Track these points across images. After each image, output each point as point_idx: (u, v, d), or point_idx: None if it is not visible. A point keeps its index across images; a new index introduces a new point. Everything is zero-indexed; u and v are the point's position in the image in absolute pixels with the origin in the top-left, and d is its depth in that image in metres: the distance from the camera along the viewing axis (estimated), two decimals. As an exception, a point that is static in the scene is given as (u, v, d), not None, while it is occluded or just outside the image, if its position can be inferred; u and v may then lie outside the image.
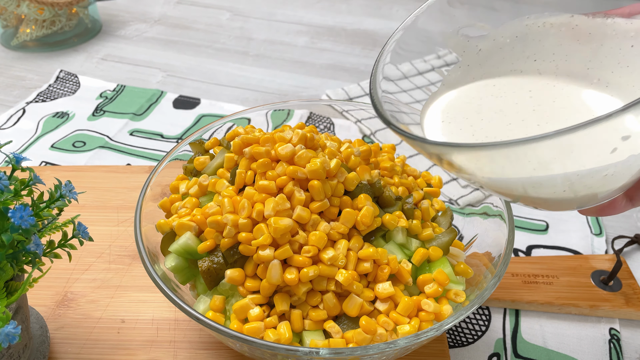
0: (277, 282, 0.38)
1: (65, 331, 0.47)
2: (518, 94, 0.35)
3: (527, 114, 0.33)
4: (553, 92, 0.34)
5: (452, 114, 0.36)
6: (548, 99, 0.34)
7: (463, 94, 0.37)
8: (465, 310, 0.37)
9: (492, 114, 0.34)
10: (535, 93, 0.35)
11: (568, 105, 0.33)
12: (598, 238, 0.60)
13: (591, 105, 0.33)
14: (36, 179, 0.37)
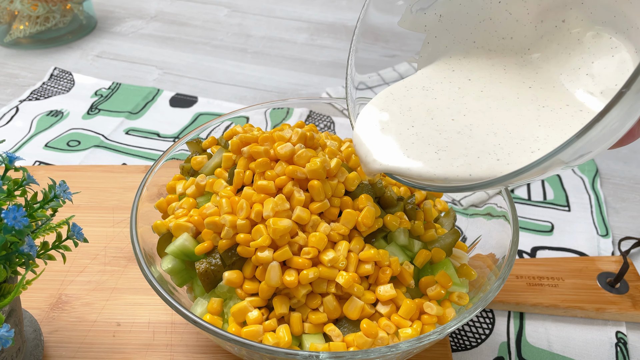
0: (276, 284, 0.38)
1: (59, 334, 0.47)
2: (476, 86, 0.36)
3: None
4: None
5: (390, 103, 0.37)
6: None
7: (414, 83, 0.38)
8: (468, 313, 0.37)
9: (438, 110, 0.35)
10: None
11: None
12: (604, 239, 0.60)
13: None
14: (30, 179, 0.37)
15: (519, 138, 0.32)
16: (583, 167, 0.70)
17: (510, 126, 0.33)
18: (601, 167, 0.71)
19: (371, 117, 0.37)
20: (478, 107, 0.35)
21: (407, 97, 0.37)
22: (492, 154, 0.32)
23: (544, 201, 0.65)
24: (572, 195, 0.66)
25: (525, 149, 0.32)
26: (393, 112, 0.37)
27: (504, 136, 0.33)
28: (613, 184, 0.68)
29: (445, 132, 0.34)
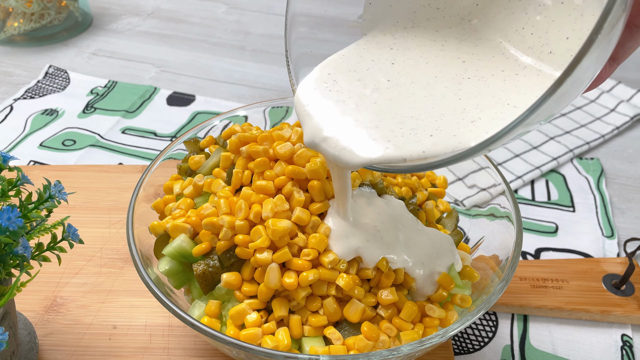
0: (275, 286, 0.38)
1: (54, 337, 0.47)
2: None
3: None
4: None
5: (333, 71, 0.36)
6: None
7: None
8: (471, 315, 0.37)
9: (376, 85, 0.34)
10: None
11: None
12: (610, 240, 0.60)
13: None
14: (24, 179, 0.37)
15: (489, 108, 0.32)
16: (588, 167, 0.70)
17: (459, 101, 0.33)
18: (606, 167, 0.71)
19: (323, 101, 0.35)
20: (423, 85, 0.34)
21: (353, 76, 0.36)
22: (462, 121, 0.31)
23: (548, 201, 0.65)
24: (577, 196, 0.66)
25: (492, 115, 0.31)
26: (348, 98, 0.35)
27: (471, 107, 0.32)
28: (618, 184, 0.68)
29: (388, 112, 0.33)
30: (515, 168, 0.68)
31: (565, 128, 0.75)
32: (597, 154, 0.73)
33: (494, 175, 0.48)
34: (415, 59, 0.36)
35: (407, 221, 0.42)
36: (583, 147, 0.72)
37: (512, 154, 0.71)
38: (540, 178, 0.68)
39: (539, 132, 0.74)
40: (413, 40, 0.37)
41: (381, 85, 0.34)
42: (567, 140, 0.73)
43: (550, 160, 0.69)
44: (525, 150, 0.71)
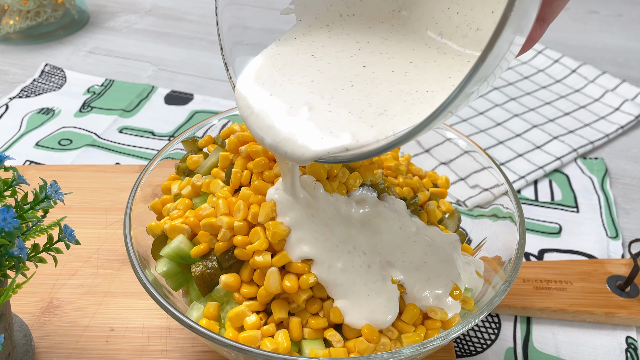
0: (276, 290, 0.38)
1: (50, 340, 0.47)
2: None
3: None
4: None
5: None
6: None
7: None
8: (473, 317, 0.37)
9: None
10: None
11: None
12: (614, 241, 0.60)
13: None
14: (20, 179, 0.37)
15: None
16: (592, 167, 0.70)
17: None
18: (611, 167, 0.71)
19: (263, 92, 0.36)
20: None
21: (294, 65, 0.37)
22: (394, 108, 0.32)
23: (552, 202, 0.65)
24: (581, 196, 0.66)
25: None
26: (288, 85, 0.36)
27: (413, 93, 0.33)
28: (623, 184, 0.68)
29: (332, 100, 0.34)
30: (518, 168, 0.68)
31: (569, 127, 0.75)
32: (602, 154, 0.73)
33: (496, 175, 0.48)
34: (346, 51, 0.36)
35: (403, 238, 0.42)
36: (587, 147, 0.72)
37: (515, 154, 0.71)
38: (544, 178, 0.68)
39: (542, 132, 0.74)
40: (345, 30, 0.38)
41: (317, 77, 0.35)
42: (570, 139, 0.73)
43: (553, 160, 0.69)
44: (528, 149, 0.71)
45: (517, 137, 0.74)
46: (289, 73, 0.36)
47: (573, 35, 0.99)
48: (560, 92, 0.83)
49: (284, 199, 0.38)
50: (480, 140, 0.73)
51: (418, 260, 0.42)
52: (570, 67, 0.87)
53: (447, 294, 0.40)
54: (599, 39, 0.98)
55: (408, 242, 0.42)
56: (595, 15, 1.06)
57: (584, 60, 0.89)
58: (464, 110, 0.78)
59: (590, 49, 0.95)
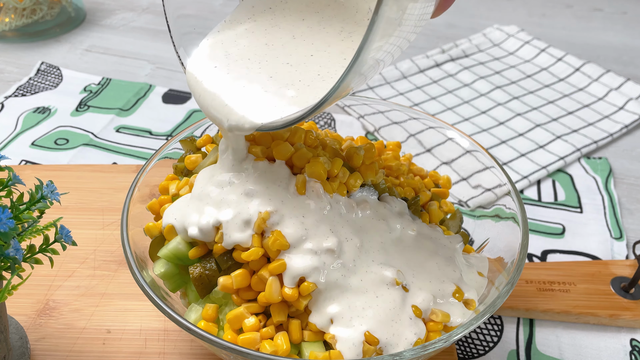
0: (277, 299, 0.37)
1: (46, 342, 0.47)
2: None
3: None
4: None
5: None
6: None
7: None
8: (475, 319, 0.37)
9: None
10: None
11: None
12: (618, 242, 0.60)
13: None
14: (15, 179, 0.37)
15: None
16: (596, 166, 0.70)
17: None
18: (615, 166, 0.71)
19: (210, 66, 0.39)
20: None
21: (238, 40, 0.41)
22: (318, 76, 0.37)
23: (555, 202, 0.65)
24: (585, 196, 0.66)
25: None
26: (230, 58, 0.40)
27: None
28: (627, 184, 0.68)
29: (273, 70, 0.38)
30: (521, 168, 0.68)
31: (572, 127, 0.75)
32: (606, 153, 0.73)
33: (499, 175, 0.48)
34: (284, 30, 0.40)
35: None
36: (591, 146, 0.72)
37: (518, 153, 0.71)
38: (547, 178, 0.68)
39: (546, 131, 0.74)
40: (284, 10, 0.41)
41: (258, 57, 0.39)
42: (574, 139, 0.73)
43: (557, 160, 0.69)
44: (531, 149, 0.71)
45: (519, 136, 0.74)
46: (232, 53, 0.40)
47: (577, 33, 0.99)
48: (563, 90, 0.83)
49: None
50: (483, 139, 0.73)
51: (419, 261, 0.42)
52: (573, 66, 0.87)
53: (449, 295, 0.40)
54: (603, 36, 0.98)
55: (409, 243, 0.42)
56: (599, 12, 1.06)
57: (588, 58, 0.89)
58: (466, 109, 0.78)
59: (594, 47, 0.95)
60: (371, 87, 0.82)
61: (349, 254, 0.39)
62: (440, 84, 0.84)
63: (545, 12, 1.06)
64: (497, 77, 0.86)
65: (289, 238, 0.38)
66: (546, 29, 1.00)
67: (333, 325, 0.38)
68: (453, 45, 0.92)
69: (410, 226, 0.43)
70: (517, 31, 0.96)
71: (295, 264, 0.37)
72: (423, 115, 0.55)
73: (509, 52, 0.92)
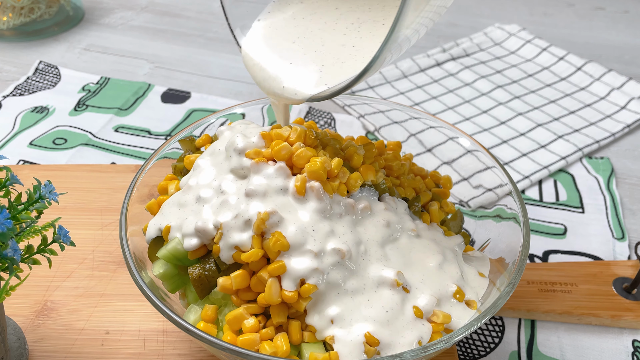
0: (277, 301, 0.37)
1: (45, 343, 0.47)
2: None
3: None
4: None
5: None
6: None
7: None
8: (477, 320, 0.37)
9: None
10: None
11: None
12: (620, 243, 0.60)
13: None
14: (13, 179, 0.37)
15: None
16: (598, 166, 0.70)
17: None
18: (617, 166, 0.71)
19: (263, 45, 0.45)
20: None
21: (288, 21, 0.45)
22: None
23: (557, 202, 0.65)
24: (586, 196, 0.66)
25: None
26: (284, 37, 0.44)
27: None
28: (629, 184, 0.68)
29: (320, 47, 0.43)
30: (522, 168, 0.68)
31: (574, 126, 0.75)
32: (607, 153, 0.73)
33: (500, 175, 0.48)
34: (329, 6, 0.44)
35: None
36: (593, 146, 0.72)
37: (519, 153, 0.71)
38: (549, 178, 0.68)
39: (547, 131, 0.74)
40: None
41: (308, 33, 0.43)
42: (576, 138, 0.73)
43: (558, 160, 0.69)
44: (532, 149, 0.71)
45: (521, 136, 0.74)
46: (280, 36, 0.45)
47: (578, 32, 0.99)
48: (565, 90, 0.83)
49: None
50: (484, 139, 0.73)
51: (420, 262, 0.42)
52: (575, 65, 0.87)
53: (450, 296, 0.40)
54: (605, 36, 0.98)
55: (409, 244, 0.42)
56: (601, 11, 1.06)
57: (590, 57, 0.89)
58: (467, 108, 0.78)
59: (596, 46, 0.95)
60: (371, 87, 0.82)
61: (349, 255, 0.39)
62: (441, 83, 0.84)
63: (546, 10, 1.06)
64: (498, 76, 0.86)
65: (289, 239, 0.38)
66: (548, 27, 1.00)
67: (333, 326, 0.38)
68: (454, 44, 0.92)
69: (411, 227, 0.43)
70: (518, 30, 0.96)
71: (296, 265, 0.37)
72: (424, 115, 0.55)
73: (510, 51, 0.92)
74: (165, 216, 0.43)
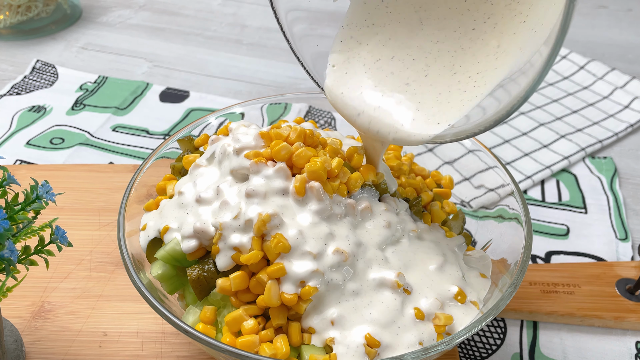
0: (276, 303, 0.37)
1: (42, 345, 0.47)
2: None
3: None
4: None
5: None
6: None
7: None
8: (478, 322, 0.37)
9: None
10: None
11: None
12: (623, 243, 0.60)
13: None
14: (10, 179, 0.37)
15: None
16: (601, 166, 0.70)
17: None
18: (620, 166, 0.71)
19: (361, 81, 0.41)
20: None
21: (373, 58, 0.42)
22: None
23: (559, 202, 0.65)
24: (589, 197, 0.66)
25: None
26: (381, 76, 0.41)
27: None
28: (633, 185, 0.68)
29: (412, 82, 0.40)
30: (524, 167, 0.68)
31: (576, 126, 0.75)
32: (610, 153, 0.73)
33: (502, 175, 0.48)
34: (413, 41, 0.40)
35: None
36: (595, 146, 0.72)
37: (522, 153, 0.71)
38: (551, 178, 0.68)
39: (550, 130, 0.74)
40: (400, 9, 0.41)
41: (394, 68, 0.40)
42: (578, 138, 0.73)
43: (561, 160, 0.69)
44: (535, 148, 0.71)
45: (523, 135, 0.74)
46: (368, 67, 0.41)
47: (581, 31, 0.99)
48: (567, 89, 0.83)
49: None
50: (485, 138, 0.73)
51: (421, 263, 0.42)
52: (578, 64, 0.87)
53: (452, 298, 0.40)
54: (608, 34, 0.98)
55: (410, 245, 0.42)
56: (604, 10, 1.06)
57: (593, 56, 0.89)
58: (468, 108, 0.78)
59: (598, 44, 0.95)
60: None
61: (349, 256, 0.39)
62: (442, 82, 0.84)
63: (549, 9, 1.06)
64: (500, 75, 0.85)
65: (290, 241, 0.38)
66: (550, 26, 1.00)
67: (333, 328, 0.38)
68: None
69: (412, 227, 0.43)
70: (520, 29, 0.96)
71: (296, 268, 0.37)
72: (425, 114, 0.55)
73: (512, 50, 0.92)
74: (164, 217, 0.43)
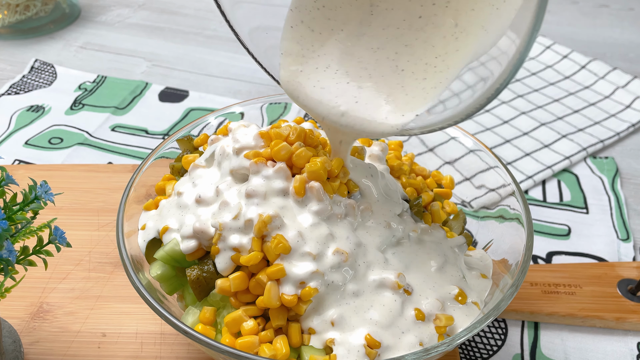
0: (276, 305, 0.37)
1: (40, 346, 0.47)
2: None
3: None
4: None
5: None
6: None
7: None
8: (479, 323, 0.37)
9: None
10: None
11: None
12: (625, 244, 0.60)
13: None
14: (9, 179, 0.37)
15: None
16: (602, 166, 0.70)
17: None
18: (622, 166, 0.71)
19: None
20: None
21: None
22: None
23: (561, 203, 0.65)
24: (591, 197, 0.66)
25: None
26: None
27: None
28: (634, 185, 0.68)
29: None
30: (525, 167, 0.68)
31: (578, 125, 0.75)
32: (612, 153, 0.73)
33: (503, 175, 0.48)
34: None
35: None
36: (597, 146, 0.72)
37: (523, 153, 0.71)
38: (552, 178, 0.68)
39: (551, 130, 0.74)
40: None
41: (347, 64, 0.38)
42: (580, 138, 0.73)
43: (562, 160, 0.69)
44: (536, 148, 0.71)
45: (524, 135, 0.74)
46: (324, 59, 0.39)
47: (582, 30, 0.99)
48: (569, 88, 0.83)
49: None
50: (486, 138, 0.73)
51: (421, 264, 0.42)
52: (579, 63, 0.87)
53: (452, 298, 0.40)
54: (609, 33, 0.98)
55: (411, 245, 0.42)
56: (606, 9, 1.06)
57: (594, 55, 0.89)
58: (469, 107, 0.78)
59: (600, 44, 0.95)
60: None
61: (349, 257, 0.39)
62: (443, 81, 0.84)
63: (550, 8, 1.06)
64: (501, 74, 0.85)
65: (290, 242, 0.38)
66: (551, 25, 1.00)
67: (333, 329, 0.38)
68: None
69: (412, 227, 0.43)
70: (521, 28, 0.96)
71: (296, 269, 0.37)
72: (425, 114, 0.55)
73: (513, 49, 0.92)
74: (163, 217, 0.43)
